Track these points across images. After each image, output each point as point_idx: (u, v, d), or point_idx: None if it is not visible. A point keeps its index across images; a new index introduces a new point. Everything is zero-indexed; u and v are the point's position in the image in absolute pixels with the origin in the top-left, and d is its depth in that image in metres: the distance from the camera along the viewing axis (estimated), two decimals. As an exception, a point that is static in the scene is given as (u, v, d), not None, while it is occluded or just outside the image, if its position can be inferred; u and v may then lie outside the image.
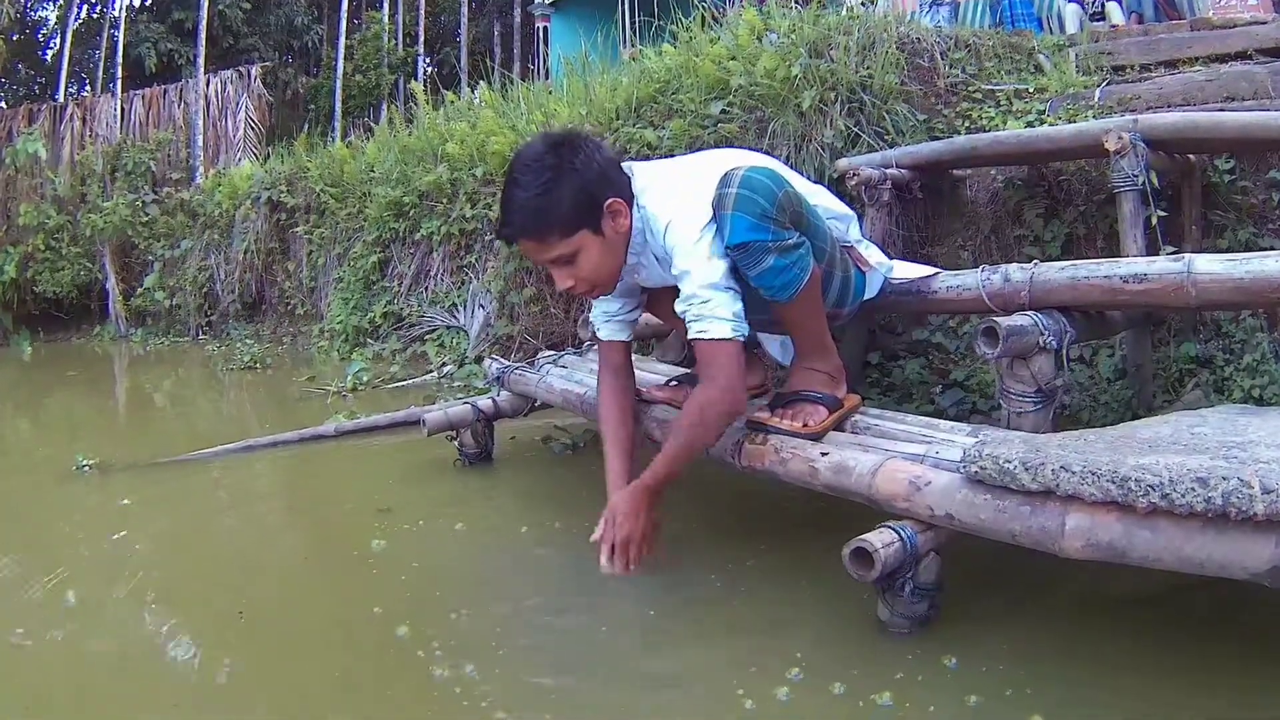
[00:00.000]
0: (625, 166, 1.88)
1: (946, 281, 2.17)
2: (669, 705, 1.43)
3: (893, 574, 1.51)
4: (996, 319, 1.85)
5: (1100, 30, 4.35)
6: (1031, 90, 3.52)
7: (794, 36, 3.85)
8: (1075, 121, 3.07)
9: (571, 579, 1.92)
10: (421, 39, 17.42)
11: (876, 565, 1.46)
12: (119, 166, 10.45)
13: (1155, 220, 2.52)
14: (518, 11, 16.97)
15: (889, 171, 3.14)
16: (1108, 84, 3.43)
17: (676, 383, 2.25)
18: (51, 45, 18.69)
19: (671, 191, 1.83)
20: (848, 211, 2.11)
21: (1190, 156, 2.78)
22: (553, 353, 3.15)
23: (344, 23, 15.38)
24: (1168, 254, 2.31)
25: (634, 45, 6.60)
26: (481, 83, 6.70)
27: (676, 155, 2.16)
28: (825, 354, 1.94)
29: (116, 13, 14.58)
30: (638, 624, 1.72)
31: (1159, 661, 1.44)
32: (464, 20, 17.38)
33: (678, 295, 1.80)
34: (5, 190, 10.69)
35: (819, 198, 2.00)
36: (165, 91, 11.92)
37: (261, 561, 2.25)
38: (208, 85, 11.73)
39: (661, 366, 2.79)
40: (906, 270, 2.28)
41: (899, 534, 1.50)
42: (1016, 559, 1.54)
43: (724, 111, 3.91)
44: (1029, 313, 1.91)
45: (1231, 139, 2.58)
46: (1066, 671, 1.42)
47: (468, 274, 5.37)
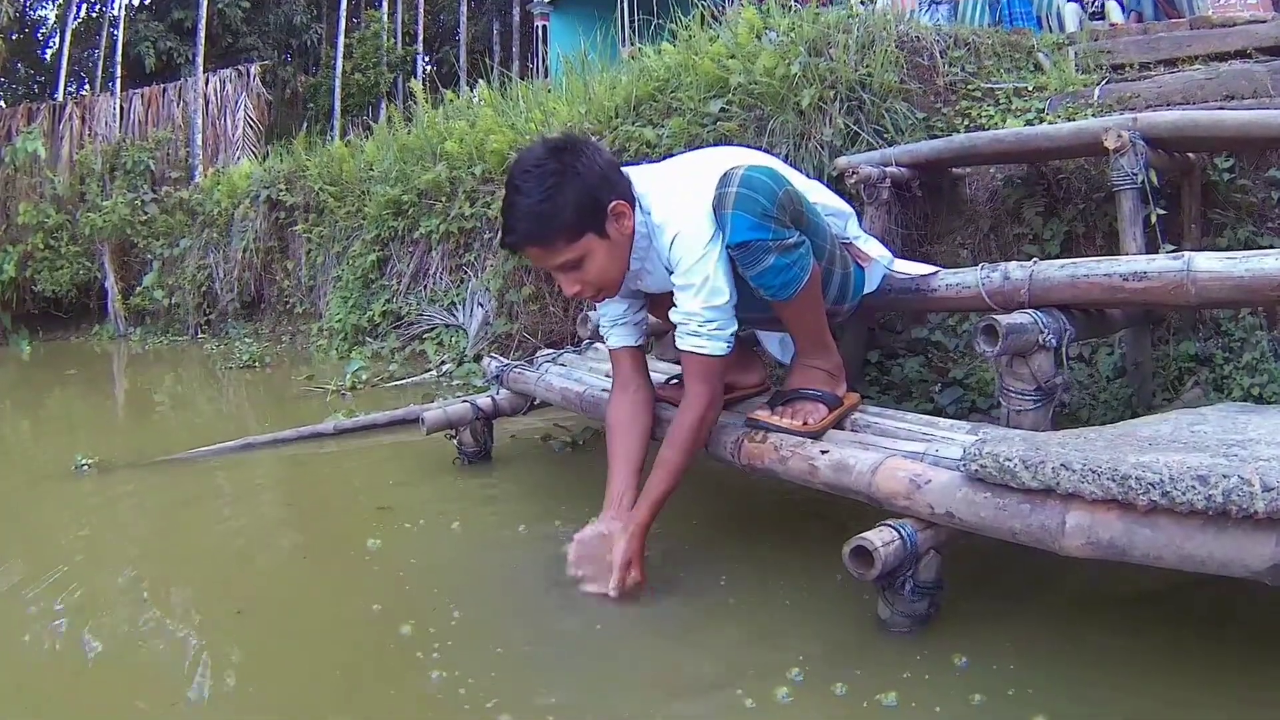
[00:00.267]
0: (623, 171, 1.87)
1: (946, 279, 2.17)
2: (670, 704, 1.43)
3: (893, 572, 1.51)
4: (996, 317, 1.85)
5: (1099, 29, 4.35)
6: (1031, 89, 3.52)
7: (793, 35, 3.85)
8: (1075, 120, 3.07)
9: (571, 579, 1.92)
10: (420, 38, 17.39)
11: (877, 563, 1.46)
12: (118, 165, 10.45)
13: (1155, 218, 2.51)
14: (517, 10, 16.93)
15: (888, 169, 3.13)
16: (1107, 82, 3.43)
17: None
18: (50, 44, 18.68)
19: (673, 194, 1.82)
20: (845, 208, 2.11)
21: (1190, 155, 2.78)
22: (552, 351, 3.15)
23: (343, 21, 15.35)
24: (1167, 252, 2.31)
25: (633, 44, 6.60)
26: (480, 81, 6.69)
27: (676, 153, 2.15)
28: (825, 352, 1.94)
29: (115, 11, 14.56)
30: (636, 623, 1.71)
31: (1161, 659, 1.44)
32: (463, 19, 17.35)
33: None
34: (4, 189, 10.70)
35: (816, 194, 2.00)
36: (164, 90, 11.94)
37: (260, 559, 2.24)
38: (207, 84, 11.73)
39: (662, 365, 2.79)
40: (906, 268, 2.28)
41: (899, 532, 1.50)
42: (1017, 557, 1.54)
43: (723, 110, 3.91)
44: (1029, 311, 1.91)
45: (1231, 137, 2.58)
46: (1070, 670, 1.42)
47: (466, 272, 5.37)
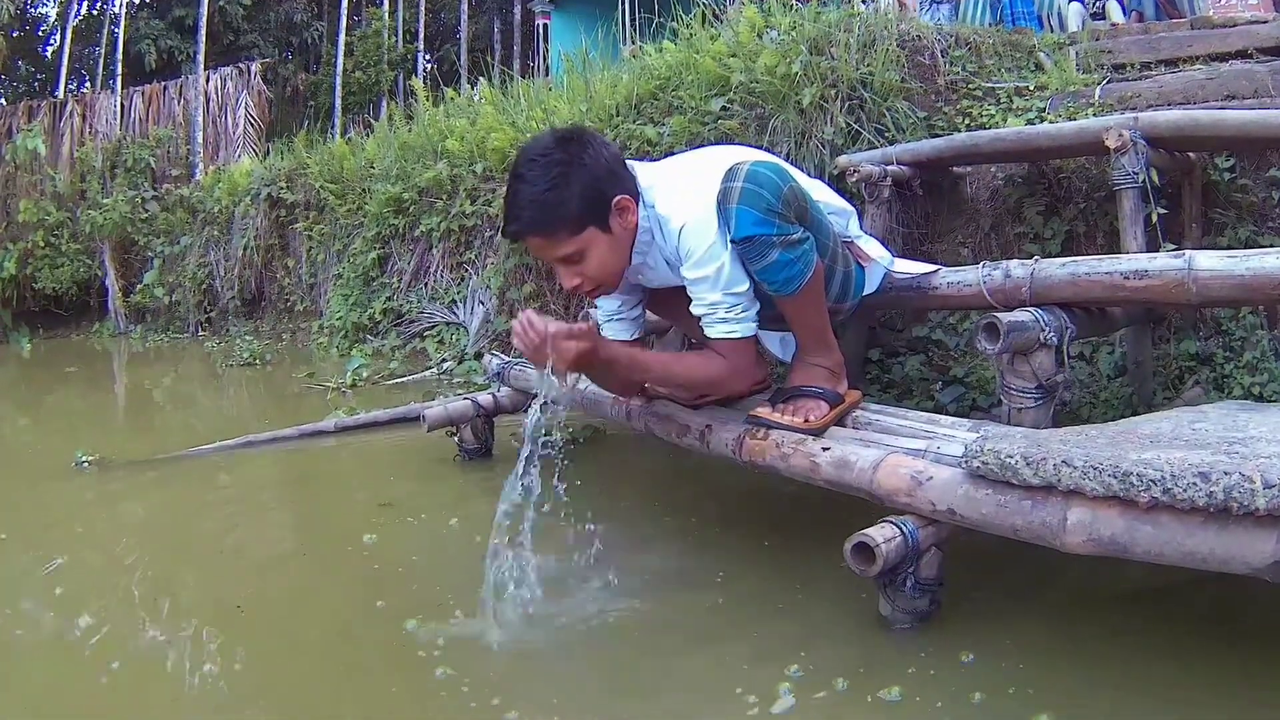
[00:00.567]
0: (628, 166, 1.88)
1: (948, 277, 2.17)
2: (671, 700, 1.43)
3: (894, 569, 1.51)
4: (998, 315, 1.85)
5: (1100, 28, 4.35)
6: (1032, 88, 3.52)
7: (794, 33, 3.85)
8: (1076, 119, 3.07)
9: (572, 576, 1.92)
10: (421, 36, 17.39)
11: (878, 560, 1.46)
12: (119, 163, 10.45)
13: (1155, 218, 2.52)
14: (518, 8, 16.94)
15: (889, 168, 3.14)
16: (1108, 82, 3.43)
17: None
18: (51, 41, 18.65)
19: (678, 190, 1.83)
20: (847, 206, 2.11)
21: (1190, 154, 2.79)
22: (553, 349, 3.14)
23: (344, 19, 15.34)
24: (1168, 251, 2.31)
25: (634, 42, 6.60)
26: (481, 79, 6.69)
27: (677, 152, 2.16)
28: (827, 349, 1.94)
29: (116, 9, 14.54)
30: (638, 620, 1.71)
31: (1163, 657, 1.44)
32: (464, 17, 17.35)
33: (683, 294, 1.80)
34: (5, 187, 10.70)
35: (819, 193, 2.00)
36: (165, 88, 11.93)
37: (260, 556, 2.24)
38: (208, 82, 11.72)
39: (662, 363, 2.79)
40: (907, 268, 2.28)
41: (900, 529, 1.50)
42: (1019, 554, 1.54)
43: (724, 108, 3.91)
44: (1030, 308, 1.91)
45: (1232, 137, 2.58)
46: (1072, 667, 1.42)
47: (467, 270, 5.38)
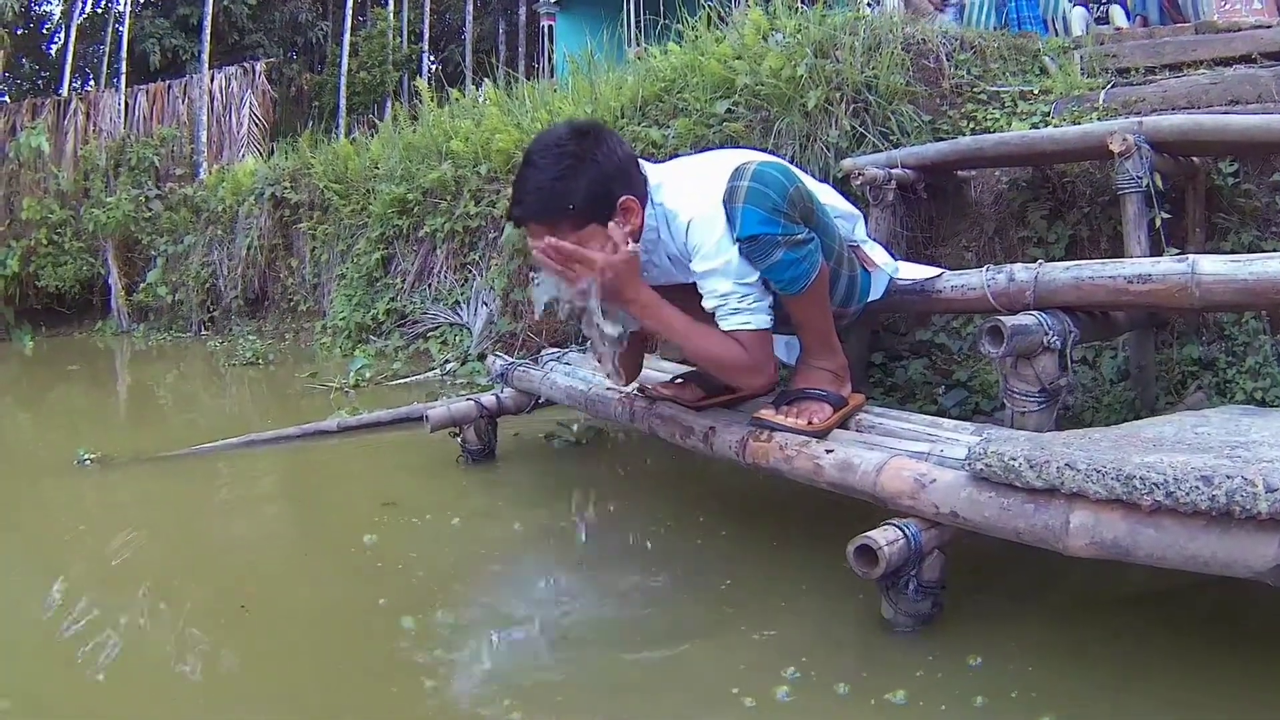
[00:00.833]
0: (641, 166, 1.88)
1: (951, 280, 2.18)
2: (673, 702, 1.43)
3: (897, 572, 1.51)
4: (1001, 318, 1.85)
5: (1105, 33, 4.35)
6: (1036, 92, 3.52)
7: (800, 36, 3.86)
8: (1080, 123, 3.07)
9: (574, 576, 1.93)
10: (426, 36, 17.42)
11: (881, 563, 1.46)
12: (122, 162, 10.48)
13: (1159, 222, 2.52)
14: (523, 10, 16.97)
15: (894, 172, 3.14)
16: (1112, 86, 3.43)
17: (682, 380, 2.25)
18: (56, 40, 18.70)
19: (686, 188, 1.84)
20: (853, 210, 2.12)
21: (1194, 159, 2.79)
22: (557, 350, 3.16)
23: (349, 19, 15.38)
24: (1172, 256, 2.31)
25: (639, 44, 6.61)
26: (486, 80, 6.70)
27: (682, 154, 2.17)
28: (831, 352, 1.94)
29: (121, 8, 14.60)
30: (639, 620, 1.72)
31: (1165, 660, 1.44)
32: (469, 18, 17.39)
33: (687, 293, 1.81)
34: (8, 185, 10.74)
35: (825, 196, 2.00)
36: (170, 87, 11.96)
37: (262, 555, 2.25)
38: (212, 81, 11.75)
39: (666, 364, 2.79)
40: (911, 272, 2.28)
41: (903, 531, 1.50)
42: (1022, 557, 1.54)
43: (729, 111, 3.91)
44: (1033, 312, 1.91)
45: (1236, 142, 2.58)
46: (1075, 670, 1.42)
47: (471, 271, 5.38)
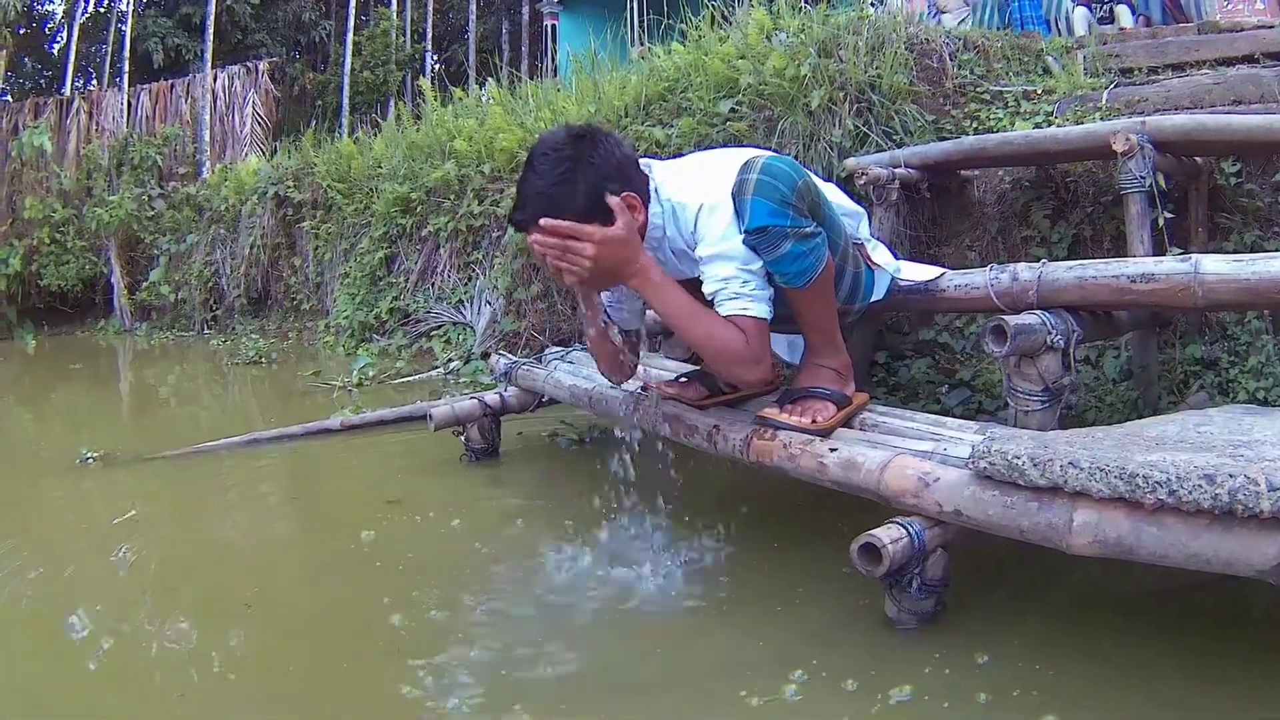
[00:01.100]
0: (643, 163, 1.89)
1: (955, 280, 2.18)
2: (676, 701, 1.44)
3: (901, 570, 1.52)
4: (1005, 318, 1.86)
5: (1108, 33, 4.35)
6: (1040, 92, 3.53)
7: (803, 36, 3.87)
8: (1083, 123, 3.07)
9: (577, 576, 1.93)
10: (429, 36, 17.43)
11: (885, 561, 1.47)
12: (125, 161, 10.48)
13: (1162, 222, 2.52)
14: (526, 9, 16.97)
15: (897, 171, 3.15)
16: (1115, 86, 3.43)
17: (686, 379, 2.25)
18: (58, 39, 18.71)
19: (692, 180, 1.85)
20: (858, 209, 2.12)
21: (1197, 159, 2.79)
22: (560, 349, 3.16)
23: (352, 19, 15.37)
24: (1175, 255, 2.31)
25: (642, 43, 6.62)
26: (489, 80, 6.70)
27: (685, 153, 2.18)
28: (835, 350, 1.95)
29: (124, 7, 14.62)
30: (641, 620, 1.72)
31: (1168, 659, 1.44)
32: (472, 17, 17.38)
33: (696, 289, 1.82)
34: (11, 183, 10.77)
35: (831, 194, 2.01)
36: (172, 86, 11.96)
37: (266, 554, 2.25)
38: (215, 80, 11.75)
39: (670, 363, 2.80)
40: (914, 272, 2.28)
41: (907, 530, 1.51)
42: (1026, 555, 1.55)
43: (733, 110, 3.92)
44: (1037, 312, 1.92)
45: (1238, 142, 2.59)
46: (1078, 669, 1.42)
47: (474, 270, 5.39)
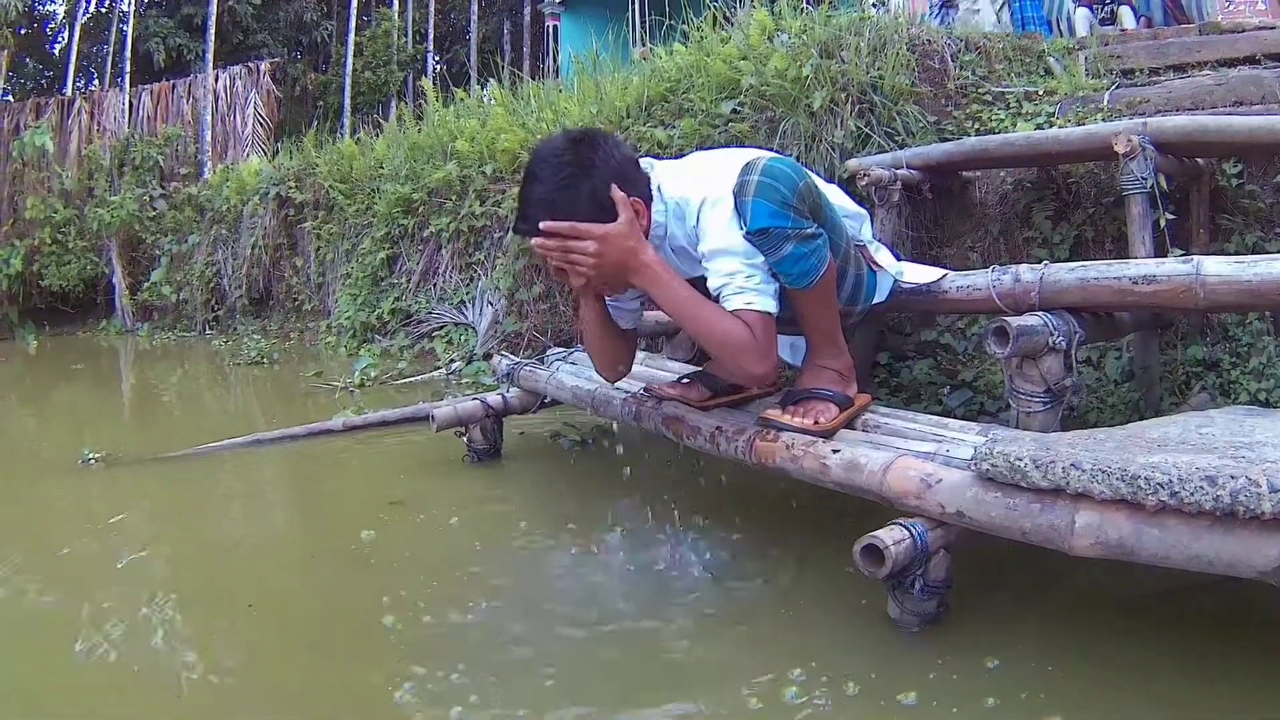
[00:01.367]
0: (644, 163, 1.90)
1: (957, 281, 2.19)
2: (677, 702, 1.43)
3: (903, 571, 1.52)
4: (1007, 319, 1.86)
5: (1110, 34, 4.36)
6: (1041, 93, 3.53)
7: (805, 37, 3.87)
8: (1084, 124, 3.08)
9: (577, 576, 1.93)
10: (431, 36, 17.45)
11: (887, 562, 1.47)
12: (126, 161, 10.49)
13: (1164, 223, 2.52)
14: (528, 10, 16.96)
15: (899, 172, 3.15)
16: (1117, 87, 3.44)
17: (688, 380, 2.25)
18: (60, 39, 18.75)
19: (693, 178, 1.86)
20: (860, 210, 2.13)
21: (1199, 160, 2.79)
22: (563, 349, 3.16)
23: (353, 19, 15.37)
24: (1176, 257, 2.32)
25: (644, 44, 6.62)
26: (491, 80, 6.71)
27: (687, 154, 2.18)
28: (837, 352, 1.95)
29: (125, 7, 14.64)
30: (643, 621, 1.72)
31: (1171, 660, 1.44)
32: (474, 18, 17.39)
33: (700, 287, 1.82)
34: (12, 184, 10.78)
35: (833, 195, 2.02)
36: (174, 86, 11.98)
37: (269, 554, 2.25)
38: (216, 80, 11.75)
39: (672, 364, 2.81)
40: (916, 274, 2.29)
41: (910, 531, 1.51)
42: (1028, 557, 1.55)
43: (735, 111, 3.92)
44: (1039, 313, 1.92)
45: (1240, 143, 2.59)
46: (1083, 670, 1.42)
47: (476, 271, 5.39)
